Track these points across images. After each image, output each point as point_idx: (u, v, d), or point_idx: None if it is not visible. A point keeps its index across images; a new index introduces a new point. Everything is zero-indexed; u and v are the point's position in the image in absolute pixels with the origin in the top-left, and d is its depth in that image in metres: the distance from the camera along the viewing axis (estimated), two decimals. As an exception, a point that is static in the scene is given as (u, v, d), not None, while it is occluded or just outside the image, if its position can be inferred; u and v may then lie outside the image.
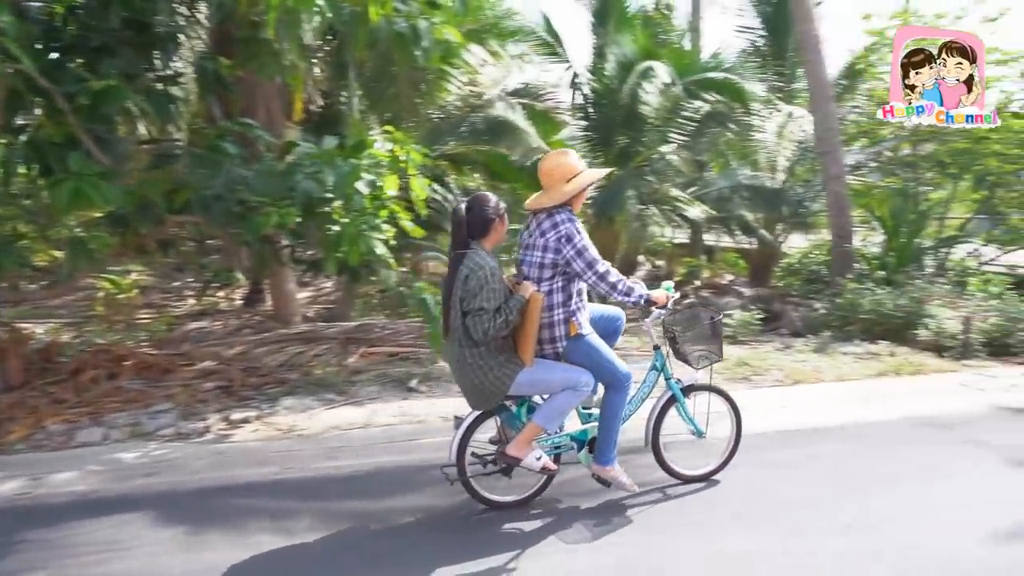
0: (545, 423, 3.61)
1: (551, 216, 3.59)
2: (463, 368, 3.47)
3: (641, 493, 3.94)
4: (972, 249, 10.30)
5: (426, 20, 5.09)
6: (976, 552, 3.31)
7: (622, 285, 3.59)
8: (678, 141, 9.79)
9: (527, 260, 3.64)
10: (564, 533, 3.56)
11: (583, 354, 3.64)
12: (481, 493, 3.80)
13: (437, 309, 5.67)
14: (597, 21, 10.26)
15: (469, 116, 10.28)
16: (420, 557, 3.33)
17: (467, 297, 3.37)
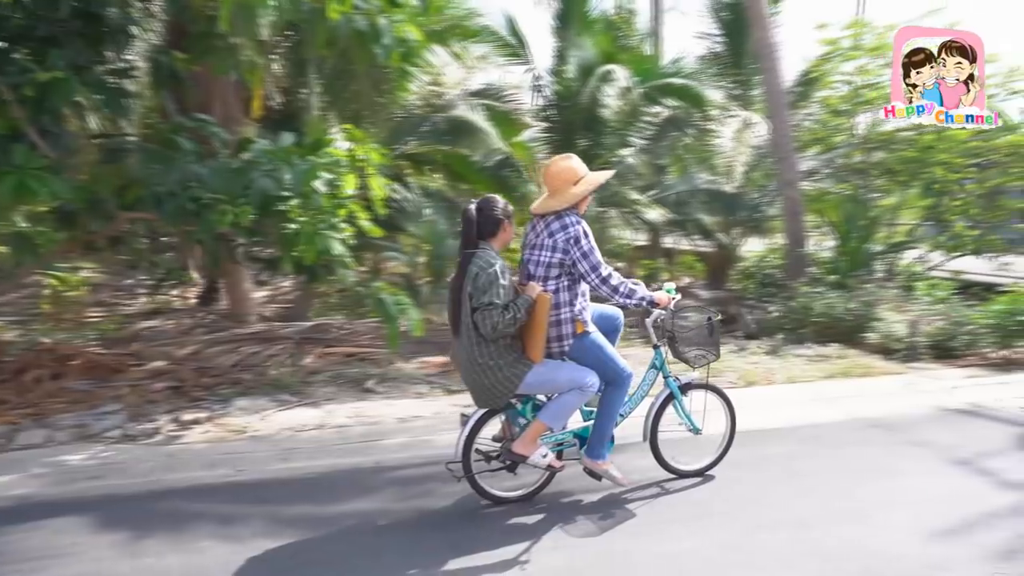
0: (551, 421, 3.72)
1: (560, 218, 3.70)
2: (473, 367, 3.55)
3: (596, 490, 3.98)
4: (919, 255, 10.60)
5: (386, 18, 5.06)
6: (915, 548, 3.41)
7: (624, 288, 3.71)
8: (638, 145, 9.88)
9: (532, 260, 3.74)
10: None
11: (588, 352, 3.74)
12: (486, 489, 3.87)
13: (395, 309, 5.65)
14: (559, 24, 10.29)
15: (431, 116, 10.23)
16: (370, 563, 3.30)
17: (476, 293, 3.45)
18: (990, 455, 4.65)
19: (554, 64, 10.29)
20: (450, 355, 3.85)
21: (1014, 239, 10.27)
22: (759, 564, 3.28)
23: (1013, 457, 4.66)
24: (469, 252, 3.57)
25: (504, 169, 10.21)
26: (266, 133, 6.24)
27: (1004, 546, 3.41)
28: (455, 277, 3.62)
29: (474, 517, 3.77)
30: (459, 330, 3.59)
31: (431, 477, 4.27)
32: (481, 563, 3.29)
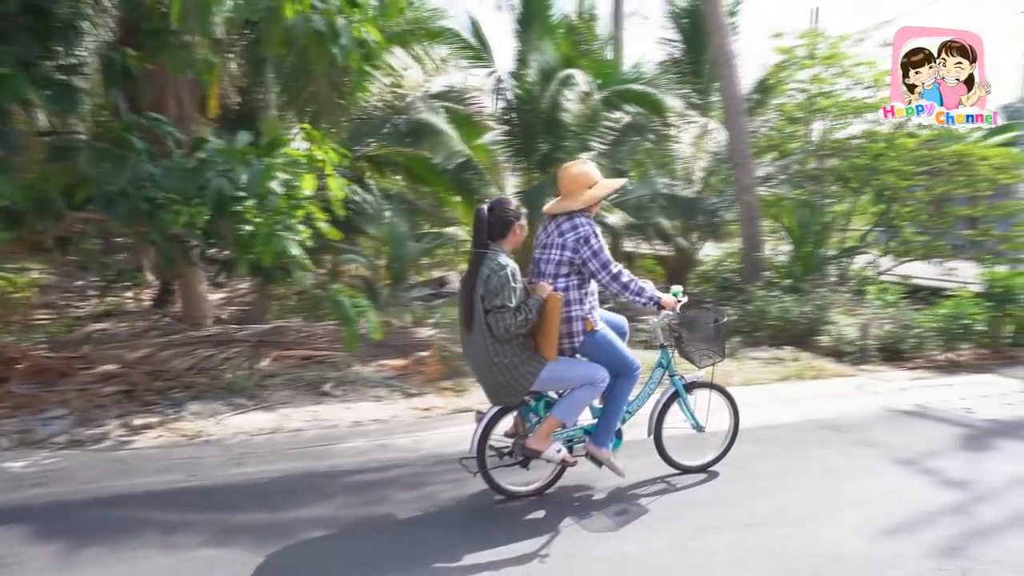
0: (564, 417, 3.81)
1: (571, 219, 3.82)
2: (488, 366, 3.63)
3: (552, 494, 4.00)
4: (870, 259, 10.87)
5: (345, 18, 5.01)
6: (863, 547, 3.49)
7: (634, 285, 3.82)
8: (598, 149, 9.96)
9: (543, 259, 3.86)
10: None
11: (600, 347, 3.86)
12: (500, 484, 3.95)
13: (354, 312, 5.60)
14: (521, 27, 10.32)
15: (391, 118, 10.19)
16: (320, 570, 3.26)
17: (488, 296, 3.54)
18: (934, 455, 4.79)
19: (516, 67, 10.31)
20: (462, 352, 3.98)
21: (959, 245, 10.59)
22: (709, 564, 3.32)
23: (956, 457, 4.80)
24: (481, 252, 3.65)
25: (465, 172, 10.20)
26: (223, 133, 6.16)
27: (946, 543, 3.52)
28: (467, 276, 3.70)
29: (428, 523, 3.75)
30: (471, 328, 3.67)
31: (387, 482, 4.25)
32: (434, 570, 3.27)
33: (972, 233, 10.62)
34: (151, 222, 4.94)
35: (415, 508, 3.89)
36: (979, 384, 6.78)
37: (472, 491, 4.09)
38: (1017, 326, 8.18)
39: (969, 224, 10.95)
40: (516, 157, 10.50)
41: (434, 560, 3.33)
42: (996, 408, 5.93)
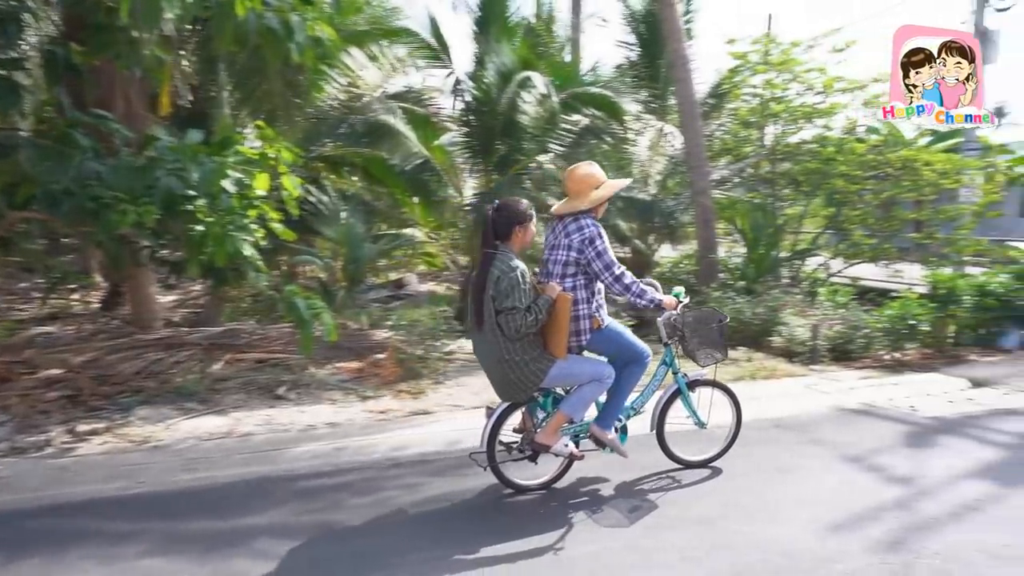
0: (572, 412, 3.96)
1: (577, 220, 3.95)
2: (500, 363, 3.76)
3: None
4: (822, 261, 11.12)
5: (299, 16, 4.94)
6: (811, 542, 3.56)
7: (636, 287, 3.96)
8: (556, 151, 10.00)
9: (551, 259, 3.99)
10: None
11: (609, 340, 4.04)
12: (509, 478, 4.07)
13: (309, 313, 5.52)
14: (479, 28, 10.32)
15: (348, 118, 10.09)
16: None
17: (499, 297, 3.66)
18: (880, 452, 4.92)
19: (474, 69, 10.30)
20: (473, 349, 4.07)
21: (906, 247, 10.90)
22: (661, 562, 3.36)
23: (900, 454, 4.94)
24: (489, 253, 3.76)
25: (424, 173, 10.16)
26: (175, 131, 6.01)
27: (890, 538, 3.61)
28: (476, 276, 3.82)
29: (382, 528, 3.72)
30: (481, 326, 3.77)
31: (341, 487, 4.21)
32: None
33: (918, 236, 10.95)
34: (97, 222, 4.80)
35: (369, 513, 3.85)
36: (923, 383, 6.98)
37: (426, 495, 4.08)
38: (959, 326, 8.45)
39: (915, 227, 11.28)
40: (474, 158, 10.49)
41: (387, 566, 3.30)
42: (939, 406, 6.11)
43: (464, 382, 6.56)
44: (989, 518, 3.85)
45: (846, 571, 3.28)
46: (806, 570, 3.29)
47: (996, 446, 5.11)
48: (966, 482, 4.37)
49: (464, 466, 4.53)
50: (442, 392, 6.26)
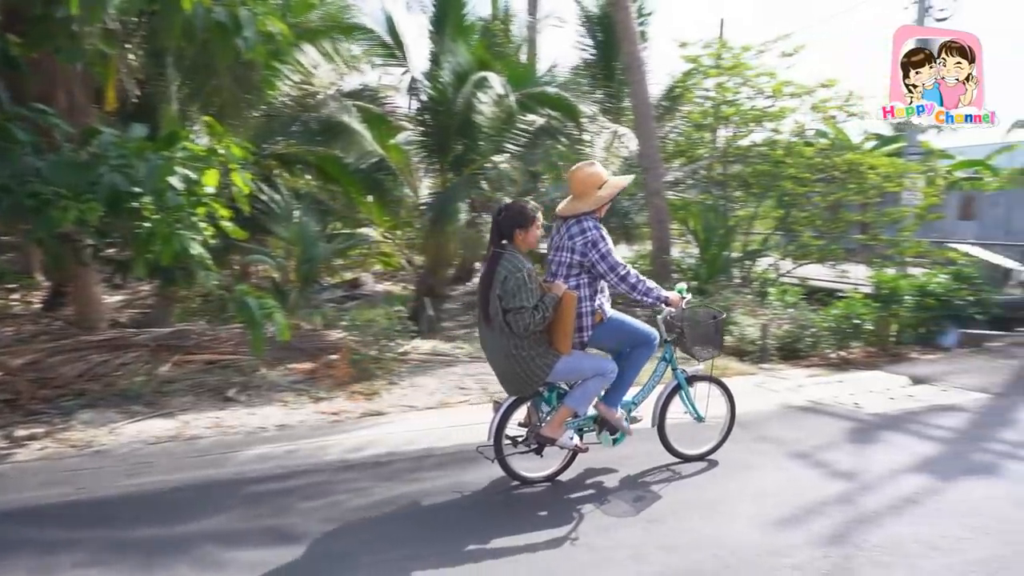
0: (577, 406, 4.09)
1: (580, 223, 4.06)
2: (508, 359, 3.89)
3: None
4: (772, 262, 11.36)
5: (248, 11, 4.86)
6: (757, 537, 3.63)
7: (641, 286, 4.09)
8: (512, 151, 10.02)
9: (555, 260, 4.10)
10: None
11: (614, 330, 4.20)
12: (515, 471, 4.16)
13: (260, 313, 5.43)
14: (435, 28, 10.29)
15: (301, 115, 9.96)
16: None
17: (506, 296, 3.78)
18: (825, 448, 5.05)
19: (430, 68, 10.27)
20: (481, 345, 4.23)
21: (852, 248, 11.22)
22: (611, 560, 3.39)
23: (844, 449, 5.07)
24: (497, 252, 3.90)
25: (379, 172, 10.09)
26: (120, 126, 5.85)
27: (833, 531, 3.70)
28: (484, 274, 3.96)
29: (334, 532, 3.67)
30: (489, 322, 3.90)
31: (292, 490, 4.15)
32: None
33: (863, 237, 11.27)
34: (36, 219, 4.65)
35: (321, 517, 3.79)
36: (867, 380, 7.18)
37: (379, 498, 4.04)
38: (901, 325, 8.72)
39: (860, 229, 11.61)
40: (430, 158, 10.46)
41: (339, 571, 3.27)
42: (881, 403, 6.29)
43: (419, 383, 6.53)
44: (926, 510, 3.98)
45: (791, 565, 3.35)
46: (753, 565, 3.36)
47: (934, 441, 5.29)
48: (905, 476, 4.51)
49: (419, 468, 4.53)
50: (396, 393, 6.22)
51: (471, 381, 6.61)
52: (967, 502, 4.09)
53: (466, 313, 11.97)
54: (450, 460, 4.66)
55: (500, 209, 3.98)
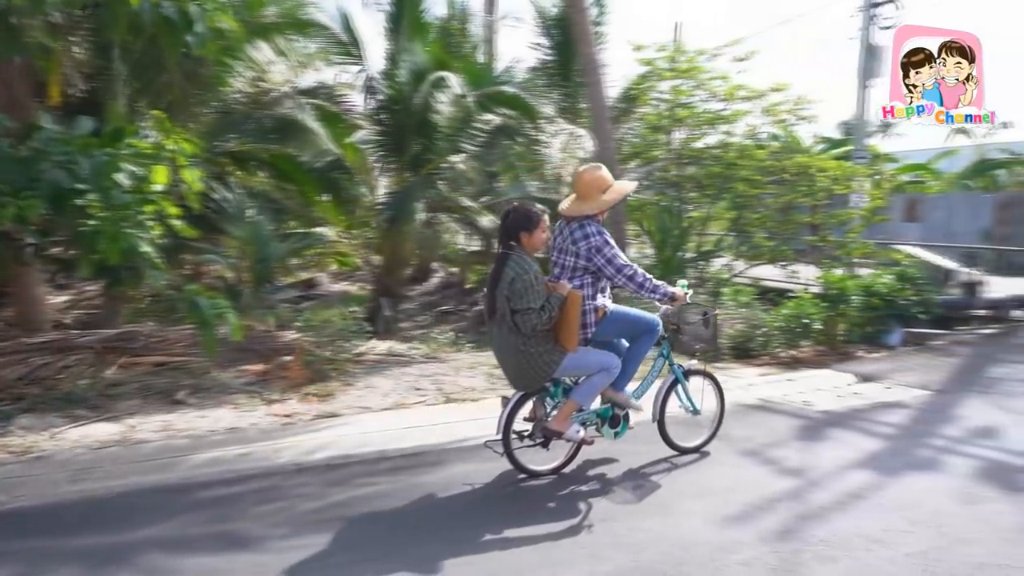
0: (582, 400, 4.25)
1: (583, 227, 4.19)
2: (516, 356, 4.03)
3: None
4: (725, 262, 11.55)
5: (198, 6, 4.75)
6: (708, 534, 3.70)
7: (648, 284, 4.25)
8: (469, 151, 10.01)
9: (559, 262, 4.26)
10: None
11: (617, 322, 4.35)
12: (523, 464, 4.30)
13: (212, 314, 5.32)
14: (391, 26, 10.21)
15: (255, 113, 9.79)
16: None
17: (514, 297, 3.92)
18: (774, 446, 5.16)
19: (387, 67, 10.19)
20: (489, 341, 4.42)
21: (802, 249, 11.47)
22: (566, 560, 3.41)
23: (793, 447, 5.19)
24: (505, 253, 4.04)
25: (335, 171, 9.98)
26: (66, 121, 5.68)
27: (781, 527, 3.79)
28: (492, 273, 4.10)
29: (285, 537, 3.62)
30: (495, 320, 4.07)
31: (243, 495, 4.08)
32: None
33: (813, 239, 11.53)
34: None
35: (272, 522, 3.74)
36: (816, 379, 7.35)
37: (333, 500, 4.00)
38: (849, 324, 8.95)
39: (811, 230, 11.88)
40: (387, 157, 10.38)
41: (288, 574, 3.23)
42: (829, 401, 6.45)
43: (374, 384, 6.47)
44: (870, 505, 4.10)
45: (741, 561, 3.42)
46: (704, 562, 3.41)
47: (878, 437, 5.44)
48: (851, 472, 4.63)
49: (373, 471, 4.49)
50: (351, 394, 6.16)
51: (427, 382, 6.59)
52: (908, 496, 4.23)
53: (423, 313, 11.93)
54: (405, 462, 4.64)
55: (507, 212, 4.12)
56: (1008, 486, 4.40)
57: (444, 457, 4.72)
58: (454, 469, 4.51)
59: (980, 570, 3.34)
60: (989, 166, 27.10)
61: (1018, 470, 4.72)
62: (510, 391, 4.31)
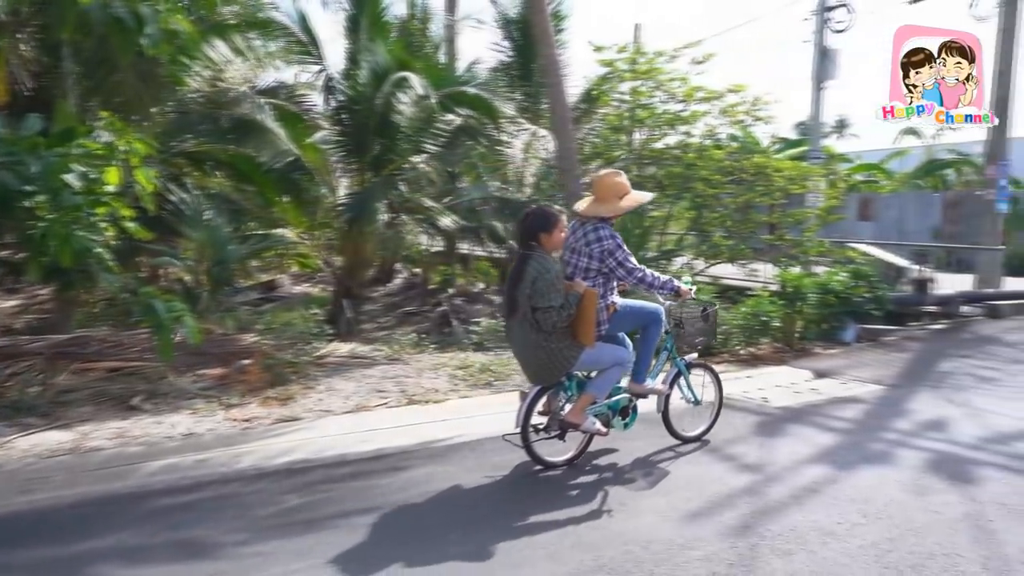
0: (598, 393, 4.46)
1: (596, 230, 4.40)
2: (536, 352, 4.25)
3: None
4: (686, 261, 11.68)
5: (150, 7, 4.65)
6: (668, 531, 3.73)
7: (657, 282, 4.53)
8: (431, 151, 9.98)
9: (572, 262, 4.46)
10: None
11: (626, 316, 4.60)
12: (541, 456, 4.48)
13: (168, 317, 5.22)
14: (351, 26, 10.13)
15: (213, 113, 9.63)
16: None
17: (535, 296, 4.13)
18: (734, 442, 5.24)
19: (347, 67, 10.11)
20: (508, 338, 4.62)
21: (760, 248, 11.66)
22: (526, 561, 3.42)
23: (752, 443, 5.28)
24: (525, 254, 4.25)
25: (295, 171, 9.87)
26: (12, 121, 5.52)
27: (739, 522, 3.85)
28: (513, 272, 4.30)
29: (244, 544, 3.57)
30: (515, 317, 4.26)
31: (200, 502, 4.00)
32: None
33: (770, 238, 11.73)
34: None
35: (230, 528, 3.68)
36: (774, 376, 7.50)
37: (291, 507, 3.95)
38: (806, 322, 9.14)
39: (769, 229, 12.09)
40: (348, 158, 10.30)
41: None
42: (787, 397, 6.58)
43: (336, 386, 6.42)
44: (826, 498, 4.19)
45: (700, 557, 3.46)
46: (664, 559, 3.45)
47: (833, 432, 5.57)
48: (807, 467, 4.73)
49: (334, 476, 4.45)
50: (312, 397, 6.09)
51: (390, 384, 6.56)
52: (862, 489, 4.33)
53: (386, 314, 11.87)
54: (367, 466, 4.61)
55: (527, 213, 4.38)
56: (956, 477, 4.54)
57: (406, 460, 4.70)
58: (416, 472, 4.50)
59: (930, 559, 3.44)
60: (938, 166, 27.90)
61: (966, 462, 4.87)
62: (526, 386, 4.54)
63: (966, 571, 3.33)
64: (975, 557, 3.47)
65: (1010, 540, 3.65)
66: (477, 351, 8.10)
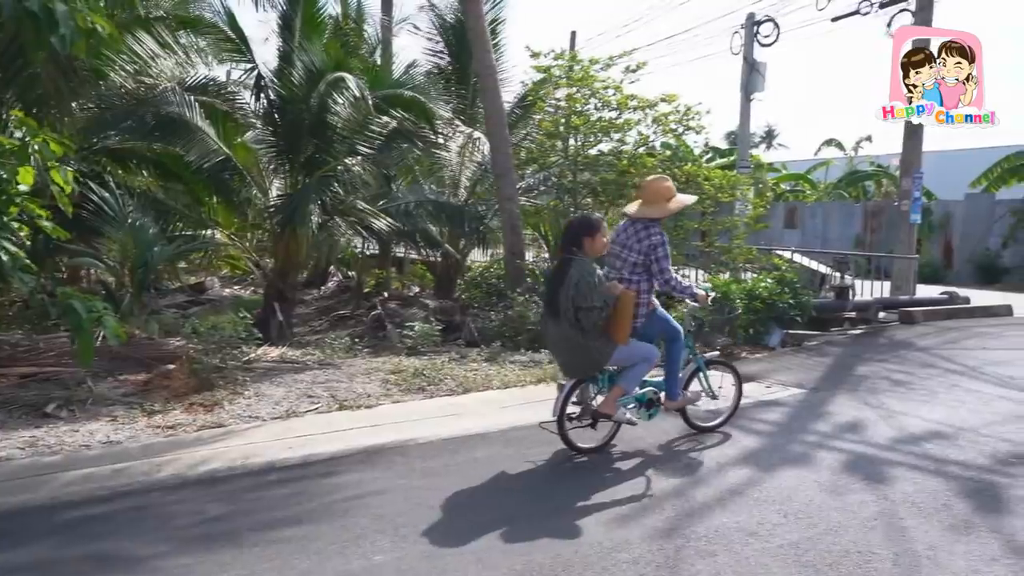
0: (628, 385, 4.92)
1: (648, 228, 4.90)
2: (575, 348, 4.67)
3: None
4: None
5: (64, 4, 4.44)
6: (598, 535, 3.78)
7: (679, 285, 5.15)
8: (366, 153, 9.88)
9: (621, 257, 4.94)
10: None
11: (658, 321, 5.10)
12: (575, 443, 4.91)
13: (88, 319, 4.99)
14: (284, 25, 9.92)
15: (137, 110, 9.30)
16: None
17: (579, 297, 4.50)
18: (662, 446, 5.33)
19: (280, 66, 9.90)
20: (544, 336, 5.20)
21: (691, 254, 11.96)
22: (454, 567, 3.41)
23: (679, 446, 5.38)
24: (568, 258, 4.65)
25: (225, 171, 9.62)
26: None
27: (666, 525, 3.93)
28: (554, 275, 4.76)
29: (164, 557, 3.46)
30: (557, 316, 4.64)
31: (119, 513, 3.87)
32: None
33: (701, 244, 12.04)
34: None
35: (150, 540, 3.56)
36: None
37: (215, 516, 3.85)
38: (733, 327, 9.39)
39: (700, 236, 12.40)
40: (280, 158, 10.10)
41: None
42: (715, 401, 6.72)
43: (265, 392, 6.28)
44: (748, 499, 4.32)
45: (629, 560, 3.52)
46: (592, 562, 3.49)
47: (758, 434, 5.74)
48: (732, 469, 4.87)
49: (261, 484, 4.36)
50: (240, 403, 5.95)
51: (320, 389, 6.45)
52: (782, 490, 4.48)
53: (319, 318, 11.67)
54: (295, 473, 4.53)
55: (571, 220, 4.94)
56: (871, 478, 4.74)
57: (335, 467, 4.64)
58: (346, 478, 4.45)
59: (845, 557, 3.58)
60: (860, 177, 29.19)
61: (880, 462, 5.09)
62: (561, 378, 5.04)
63: (879, 568, 3.48)
64: (887, 554, 3.63)
65: (918, 537, 3.83)
66: (411, 355, 8.05)
